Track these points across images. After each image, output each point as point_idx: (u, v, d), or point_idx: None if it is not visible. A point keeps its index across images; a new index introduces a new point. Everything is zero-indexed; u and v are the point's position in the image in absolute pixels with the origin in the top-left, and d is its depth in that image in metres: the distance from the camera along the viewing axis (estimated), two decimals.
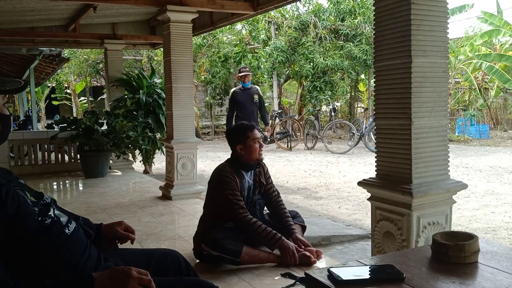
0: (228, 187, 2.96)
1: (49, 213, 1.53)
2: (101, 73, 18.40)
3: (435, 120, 2.29)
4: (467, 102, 16.77)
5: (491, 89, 15.99)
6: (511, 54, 14.25)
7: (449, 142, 2.40)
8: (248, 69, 7.46)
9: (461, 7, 15.94)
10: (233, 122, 7.46)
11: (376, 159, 2.45)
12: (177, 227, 4.23)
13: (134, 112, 7.50)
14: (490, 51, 15.15)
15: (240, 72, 7.43)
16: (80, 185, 6.55)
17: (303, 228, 3.35)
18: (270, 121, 13.80)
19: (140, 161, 8.41)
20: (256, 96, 7.26)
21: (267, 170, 3.32)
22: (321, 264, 2.95)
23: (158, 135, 7.47)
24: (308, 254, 2.92)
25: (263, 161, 3.25)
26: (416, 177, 2.24)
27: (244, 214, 2.92)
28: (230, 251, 2.86)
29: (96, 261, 1.63)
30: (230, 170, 3.03)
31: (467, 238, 1.32)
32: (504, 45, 15.79)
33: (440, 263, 1.29)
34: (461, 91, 16.71)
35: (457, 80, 16.06)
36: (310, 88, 14.40)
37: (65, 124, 7.01)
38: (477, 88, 15.46)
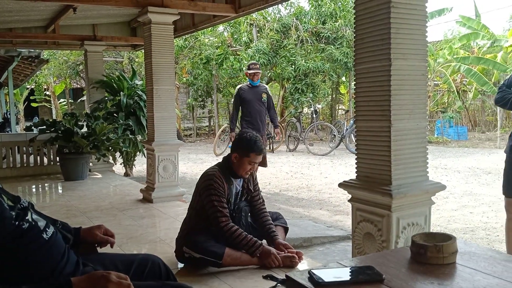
0: (215, 193, 2.95)
1: (27, 218, 1.50)
2: (81, 74, 18.18)
3: (414, 122, 2.32)
4: (446, 104, 17.02)
5: (469, 91, 16.26)
6: (489, 57, 14.51)
7: (428, 144, 2.44)
8: (258, 66, 6.76)
9: (440, 10, 16.19)
10: (238, 123, 7.00)
11: (356, 161, 2.47)
12: (158, 230, 4.20)
13: (115, 114, 7.43)
14: (468, 54, 15.41)
15: (249, 68, 6.68)
16: (59, 188, 6.46)
17: (286, 229, 3.36)
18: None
19: (120, 164, 8.33)
20: (264, 95, 6.64)
21: (256, 177, 3.32)
22: (302, 265, 2.96)
23: (139, 137, 7.40)
24: (290, 255, 2.93)
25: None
26: (396, 179, 2.26)
27: (226, 222, 2.92)
28: (212, 253, 2.85)
29: (74, 265, 1.61)
30: (219, 176, 3.01)
31: (446, 239, 1.34)
32: (482, 48, 16.08)
33: (419, 264, 1.30)
34: (440, 93, 16.96)
35: (436, 82, 16.30)
36: (291, 90, 14.46)
37: (44, 127, 6.90)
38: (456, 91, 15.71)
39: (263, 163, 6.17)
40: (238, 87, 6.75)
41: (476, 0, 16.06)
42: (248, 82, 6.62)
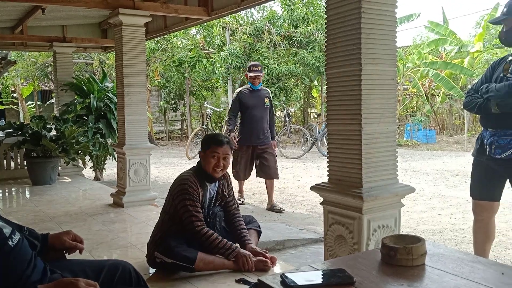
0: (190, 198, 2.92)
1: None
2: (50, 76, 17.78)
3: (384, 126, 2.36)
4: (415, 108, 17.39)
5: (438, 95, 16.65)
6: (456, 62, 14.90)
7: (398, 147, 2.48)
8: (260, 68, 6.05)
9: (409, 16, 16.53)
10: (235, 130, 6.18)
11: (328, 164, 2.49)
12: (129, 235, 4.13)
13: (85, 117, 7.30)
14: (436, 59, 15.79)
15: (249, 70, 6.02)
16: (27, 193, 6.29)
17: (259, 233, 3.36)
18: (226, 126, 13.80)
19: (90, 168, 8.18)
20: (267, 100, 6.03)
21: (231, 182, 3.30)
22: (275, 269, 2.97)
23: (109, 141, 7.29)
24: (263, 259, 2.93)
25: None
26: (367, 182, 2.29)
27: (201, 227, 2.89)
28: (184, 258, 2.82)
29: (41, 273, 1.57)
30: (194, 180, 2.99)
31: (415, 241, 1.36)
32: (450, 53, 16.50)
33: (390, 266, 1.32)
34: (409, 97, 17.31)
35: (405, 87, 16.62)
36: None
37: (11, 130, 6.73)
38: (424, 95, 16.05)
39: (270, 174, 6.00)
40: (237, 90, 6.22)
41: (444, 6, 16.44)
42: (249, 86, 6.06)
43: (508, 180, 3.01)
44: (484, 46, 15.85)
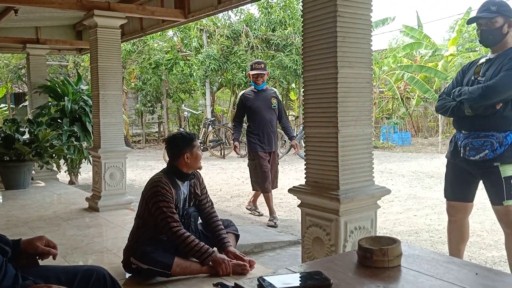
0: (164, 199, 2.89)
1: None
2: (24, 79, 17.43)
3: (360, 129, 2.38)
4: (391, 110, 17.63)
5: (413, 98, 16.91)
6: (431, 65, 15.17)
7: (374, 149, 2.51)
8: (263, 65, 5.46)
9: (384, 20, 16.77)
10: (240, 139, 5.92)
11: (305, 167, 2.50)
12: (104, 239, 4.07)
13: (59, 120, 7.18)
14: (411, 63, 16.04)
15: (252, 68, 5.46)
16: None
17: (237, 236, 3.35)
18: (204, 129, 13.75)
19: (65, 171, 8.03)
20: (274, 101, 5.49)
21: (202, 180, 3.29)
22: (254, 272, 2.95)
23: (84, 144, 7.17)
24: (241, 263, 2.92)
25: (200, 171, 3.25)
26: (343, 184, 2.30)
27: (178, 228, 2.86)
28: (160, 264, 2.79)
29: (13, 279, 1.53)
30: (166, 181, 2.97)
31: (391, 242, 1.37)
32: (424, 57, 16.79)
33: (366, 268, 1.33)
34: (385, 100, 17.54)
35: (381, 89, 16.84)
36: None
37: None
38: (400, 98, 16.29)
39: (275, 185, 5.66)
40: (241, 93, 5.68)
41: (418, 10, 16.76)
42: (252, 86, 5.52)
43: (481, 181, 3.07)
44: (458, 50, 16.19)
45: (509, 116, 2.88)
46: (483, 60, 3.07)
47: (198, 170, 3.21)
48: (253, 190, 5.84)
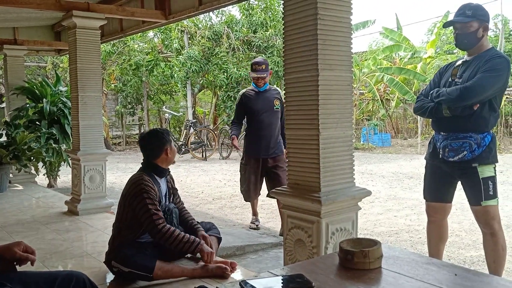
0: (149, 196, 2.88)
1: None
2: (0, 80, 17.10)
3: (341, 131, 2.40)
4: (371, 112, 17.79)
5: (392, 100, 17.11)
6: (410, 67, 15.37)
7: (355, 150, 2.53)
8: (264, 66, 4.90)
9: (364, 22, 16.94)
10: (239, 132, 5.42)
11: (287, 169, 2.51)
12: (84, 243, 4.01)
13: (37, 122, 7.06)
14: (391, 65, 16.24)
15: (252, 69, 4.96)
16: None
17: (219, 240, 3.35)
18: (185, 130, 13.67)
19: (43, 175, 7.90)
20: (277, 102, 4.93)
21: (172, 176, 3.38)
22: (236, 275, 2.95)
23: (63, 147, 7.07)
24: (222, 266, 2.91)
25: None
26: (324, 186, 2.32)
27: (163, 224, 2.86)
28: (142, 267, 2.76)
29: None
30: (148, 179, 2.96)
31: (371, 244, 1.38)
32: (403, 59, 17.01)
33: (347, 270, 1.33)
34: (365, 102, 17.70)
35: (361, 91, 17.00)
36: (224, 98, 14.49)
37: None
38: (380, 99, 16.47)
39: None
40: (241, 92, 5.21)
41: (398, 13, 16.97)
42: (253, 86, 5.06)
43: (459, 182, 3.12)
44: (436, 52, 16.45)
45: (486, 117, 2.94)
46: (459, 62, 3.13)
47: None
48: (246, 201, 5.37)
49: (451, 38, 15.91)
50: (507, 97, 14.58)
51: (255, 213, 5.33)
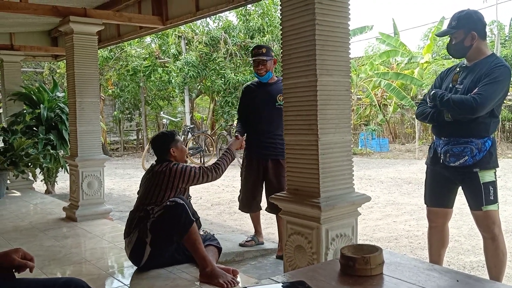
0: (191, 167, 3.25)
1: None
2: None
3: (339, 136, 2.39)
4: (369, 117, 17.82)
5: (390, 105, 17.15)
6: (407, 73, 15.42)
7: (353, 155, 2.52)
8: (264, 50, 4.15)
9: (362, 28, 17.01)
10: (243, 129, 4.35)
11: (286, 174, 2.50)
12: (83, 250, 3.99)
13: (34, 128, 7.04)
14: (388, 70, 16.28)
15: (252, 54, 4.24)
16: None
17: (219, 250, 3.33)
18: (183, 136, 13.65)
19: (41, 181, 7.87)
20: (281, 98, 3.41)
21: None
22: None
23: (61, 153, 7.05)
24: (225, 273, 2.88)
25: None
26: (324, 191, 2.31)
27: (209, 168, 3.34)
28: (188, 215, 2.97)
29: None
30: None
31: (373, 250, 1.37)
32: (400, 64, 17.07)
33: (348, 276, 1.32)
34: (362, 107, 17.73)
35: (359, 96, 17.03)
36: (222, 103, 14.49)
37: None
38: (377, 104, 16.50)
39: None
40: (244, 85, 4.53)
41: (394, 18, 17.05)
42: (257, 78, 4.27)
43: (460, 187, 3.11)
44: (433, 57, 16.51)
45: (487, 123, 2.94)
46: (459, 68, 3.13)
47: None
48: (242, 211, 4.66)
49: (446, 43, 15.99)
50: (504, 103, 14.63)
51: (256, 231, 4.57)
